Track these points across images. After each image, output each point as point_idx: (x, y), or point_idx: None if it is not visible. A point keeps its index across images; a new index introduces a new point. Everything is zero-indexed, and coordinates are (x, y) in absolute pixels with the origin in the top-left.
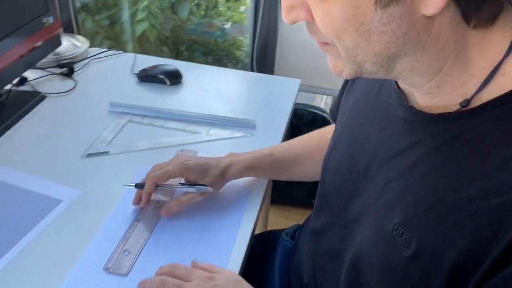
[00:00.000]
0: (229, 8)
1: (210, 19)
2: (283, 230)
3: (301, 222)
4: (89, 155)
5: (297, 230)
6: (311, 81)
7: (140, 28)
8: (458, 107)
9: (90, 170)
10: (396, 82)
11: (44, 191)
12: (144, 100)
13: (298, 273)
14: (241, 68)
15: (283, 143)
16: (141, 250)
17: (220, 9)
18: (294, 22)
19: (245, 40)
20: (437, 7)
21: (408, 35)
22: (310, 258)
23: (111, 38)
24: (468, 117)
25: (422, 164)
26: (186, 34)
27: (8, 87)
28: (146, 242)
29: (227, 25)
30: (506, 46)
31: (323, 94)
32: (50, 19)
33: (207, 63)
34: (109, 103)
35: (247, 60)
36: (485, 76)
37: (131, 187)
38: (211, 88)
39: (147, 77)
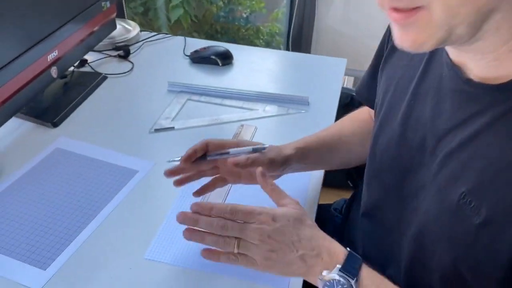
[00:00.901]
0: None
1: (233, 8)
2: (330, 205)
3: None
4: (156, 130)
5: (343, 206)
6: None
7: (176, 14)
8: None
9: (159, 144)
10: (448, 56)
11: (120, 163)
12: (199, 80)
13: (350, 248)
14: None
15: (323, 129)
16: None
17: None
18: None
19: (264, 29)
20: None
21: None
22: (364, 236)
23: (145, 25)
24: None
25: (486, 133)
26: (214, 21)
27: (71, 68)
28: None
29: (247, 13)
30: None
31: (351, 75)
32: (108, 3)
33: None
34: (167, 83)
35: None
36: None
37: (176, 161)
38: (261, 68)
39: (199, 58)
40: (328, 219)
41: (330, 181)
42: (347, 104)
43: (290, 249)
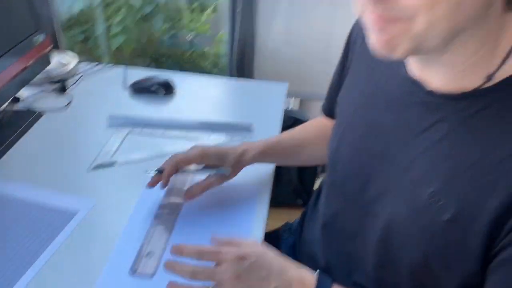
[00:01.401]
0: (192, 21)
1: (177, 32)
2: (278, 230)
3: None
4: (96, 167)
5: (291, 227)
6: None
7: (116, 41)
8: (478, 85)
9: (100, 181)
10: (406, 72)
11: (59, 203)
12: (140, 111)
13: (311, 262)
14: None
15: (287, 131)
16: (164, 251)
17: (184, 21)
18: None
19: (210, 51)
20: None
21: (480, 7)
22: (325, 247)
23: (85, 54)
24: (491, 93)
25: (449, 137)
26: (158, 46)
27: (3, 107)
28: (167, 242)
29: (191, 36)
30: None
31: (295, 96)
32: (41, 37)
33: None
34: (108, 116)
35: (215, 71)
36: (501, 59)
37: (152, 174)
38: (204, 96)
39: (140, 89)
40: (281, 243)
41: (280, 201)
42: (290, 126)
43: (262, 285)
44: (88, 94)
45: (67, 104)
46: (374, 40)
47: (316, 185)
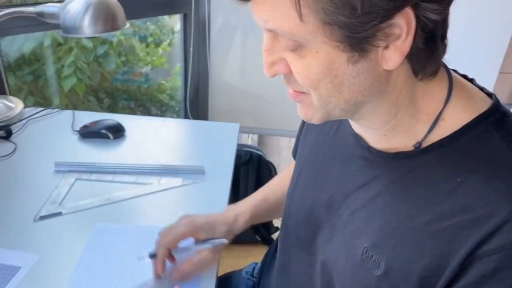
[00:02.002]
0: (148, 53)
1: (132, 66)
2: (241, 270)
3: (248, 260)
4: (41, 217)
5: (255, 268)
6: (239, 121)
7: (68, 83)
8: (408, 146)
9: (45, 233)
10: (351, 126)
11: (0, 259)
12: (89, 156)
13: None
14: (166, 111)
15: (268, 184)
16: None
17: (140, 54)
18: (274, 76)
19: (168, 83)
20: (396, 64)
21: (372, 85)
22: None
23: (35, 94)
24: (419, 156)
25: (384, 195)
26: (112, 84)
27: None
28: None
29: (147, 70)
30: (444, 96)
31: (251, 133)
32: None
33: (130, 109)
34: (54, 163)
35: (172, 103)
36: (429, 121)
37: (146, 259)
38: (155, 138)
39: (89, 133)
40: (241, 284)
41: (239, 237)
42: (246, 162)
43: None
44: (34, 140)
45: (12, 151)
46: (298, 111)
47: (275, 222)
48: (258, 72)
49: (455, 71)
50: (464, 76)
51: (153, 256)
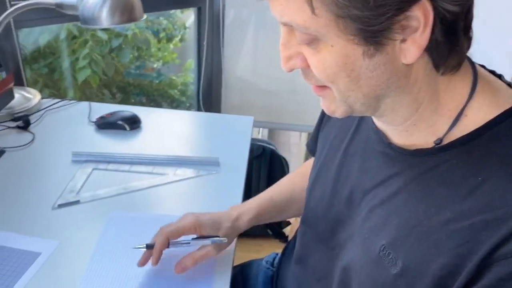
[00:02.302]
0: (159, 49)
1: (144, 61)
2: (262, 259)
3: (260, 254)
4: (60, 205)
5: (275, 258)
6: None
7: (82, 75)
8: (429, 143)
9: (63, 221)
10: (373, 122)
11: (20, 245)
12: (106, 147)
13: None
14: (177, 106)
15: (276, 184)
16: None
17: (152, 49)
18: (292, 70)
19: (178, 79)
20: (414, 57)
21: (390, 79)
22: (295, 283)
23: (50, 86)
24: (440, 153)
25: (403, 192)
26: (124, 78)
27: None
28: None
29: (159, 65)
30: (467, 91)
31: (263, 127)
32: (3, 74)
33: (142, 104)
34: (72, 153)
35: (183, 98)
36: (451, 117)
37: (141, 249)
38: (170, 130)
39: (105, 124)
40: (260, 272)
41: (251, 231)
42: (259, 156)
43: None
44: (52, 130)
45: (30, 141)
46: (321, 104)
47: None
48: (270, 66)
49: (483, 66)
50: (492, 72)
51: (150, 247)
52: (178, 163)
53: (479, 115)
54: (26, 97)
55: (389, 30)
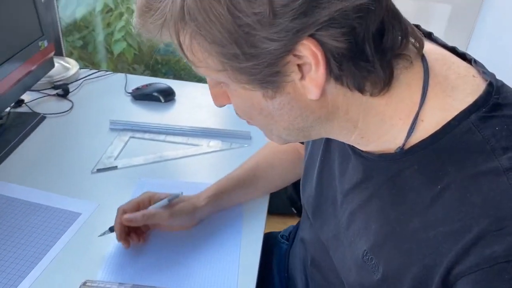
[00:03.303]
0: None
1: None
2: (278, 232)
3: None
4: (99, 170)
5: (291, 232)
6: None
7: (118, 48)
8: (392, 149)
9: (102, 184)
10: None
11: (62, 206)
12: (141, 117)
13: (293, 279)
14: None
15: (239, 165)
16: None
17: None
18: (221, 106)
19: None
20: (315, 94)
21: (304, 114)
22: (301, 265)
23: (84, 59)
24: (402, 158)
25: (376, 197)
26: (154, 54)
27: (7, 109)
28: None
29: None
30: (418, 99)
31: None
32: (45, 43)
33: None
34: (109, 121)
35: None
36: (406, 124)
37: (107, 234)
38: (203, 103)
39: (141, 95)
40: (275, 246)
41: (275, 208)
42: None
43: None
44: (90, 99)
45: (69, 109)
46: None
47: None
48: None
49: (454, 49)
50: (463, 56)
51: (113, 229)
52: (211, 135)
53: (435, 118)
54: (65, 66)
55: (279, 74)
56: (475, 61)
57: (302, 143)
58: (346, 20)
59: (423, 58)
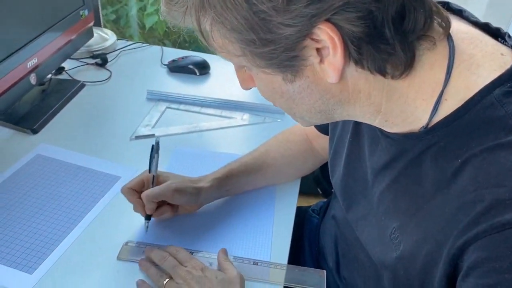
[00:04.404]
0: None
1: None
2: (309, 206)
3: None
4: (137, 137)
5: (322, 207)
6: None
7: (150, 21)
8: (416, 129)
9: (140, 151)
10: None
11: (102, 169)
12: (176, 88)
13: (323, 254)
14: None
15: (251, 151)
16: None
17: None
18: (248, 89)
19: None
20: (334, 78)
21: (324, 97)
22: (332, 241)
23: (116, 33)
24: (427, 136)
25: (403, 176)
26: (183, 32)
27: (49, 76)
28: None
29: None
30: (441, 79)
31: None
32: (86, 12)
33: None
34: (146, 91)
35: None
36: (430, 104)
37: (147, 224)
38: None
39: (177, 67)
40: (306, 220)
41: (300, 188)
42: None
43: None
44: (127, 69)
45: (108, 78)
46: None
47: None
48: None
49: (487, 25)
50: (497, 31)
51: (148, 217)
52: (245, 109)
53: (459, 96)
54: (103, 37)
55: (297, 58)
56: (510, 36)
57: (326, 132)
58: (362, 4)
59: (449, 37)
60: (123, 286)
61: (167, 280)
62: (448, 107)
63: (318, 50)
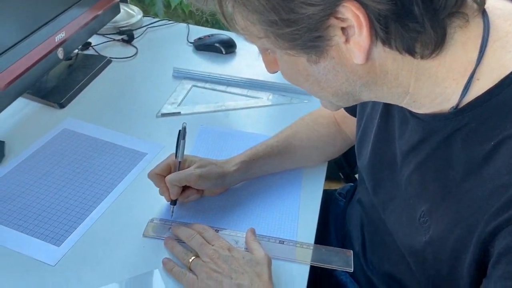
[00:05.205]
0: None
1: None
2: (335, 190)
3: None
4: (163, 114)
5: (348, 191)
6: None
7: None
8: (446, 109)
9: (166, 128)
10: None
11: (129, 145)
12: (203, 67)
13: (349, 237)
14: None
15: (278, 132)
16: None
17: None
18: (274, 72)
19: None
20: (360, 58)
21: (350, 79)
22: (358, 225)
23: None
24: (458, 116)
25: (433, 158)
26: (204, 14)
27: (76, 51)
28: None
29: None
30: (474, 58)
31: None
32: None
33: None
34: (172, 69)
35: None
36: (460, 84)
37: (173, 209)
38: None
39: (203, 45)
40: (332, 203)
41: None
42: None
43: (229, 275)
44: (153, 46)
45: (134, 54)
46: None
47: None
48: None
49: None
50: None
51: (174, 202)
52: (272, 89)
53: (492, 75)
54: (129, 13)
55: (321, 38)
56: None
57: (354, 113)
58: None
59: (484, 13)
60: (148, 262)
61: (193, 258)
62: (480, 87)
63: (343, 29)
